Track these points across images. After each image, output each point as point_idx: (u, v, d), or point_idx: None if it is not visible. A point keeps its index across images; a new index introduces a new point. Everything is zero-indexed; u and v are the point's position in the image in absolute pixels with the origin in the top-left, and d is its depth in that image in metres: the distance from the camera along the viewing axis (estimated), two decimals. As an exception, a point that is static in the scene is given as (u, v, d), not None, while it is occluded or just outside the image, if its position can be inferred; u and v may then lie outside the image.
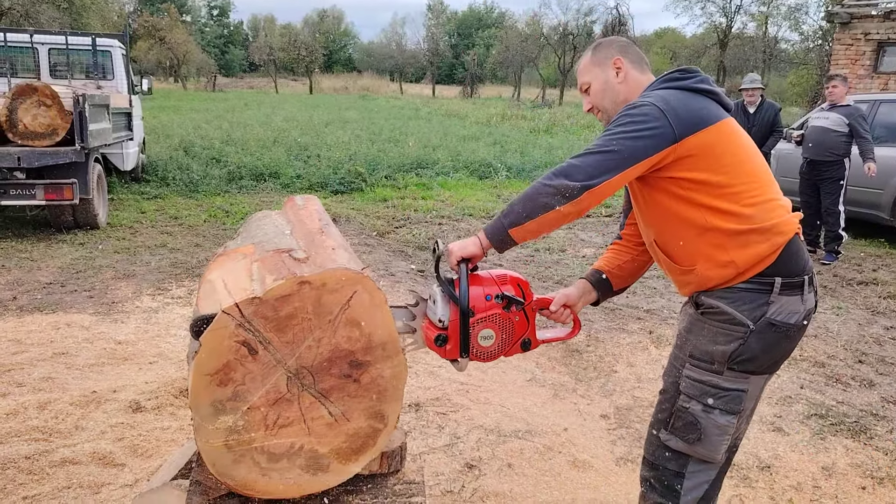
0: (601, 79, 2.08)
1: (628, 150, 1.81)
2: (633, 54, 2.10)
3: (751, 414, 2.08)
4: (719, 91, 1.99)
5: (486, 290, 2.06)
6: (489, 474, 2.98)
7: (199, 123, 17.76)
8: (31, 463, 2.84)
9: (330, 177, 11.16)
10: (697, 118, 1.86)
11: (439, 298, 2.05)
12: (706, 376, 1.94)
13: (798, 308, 1.90)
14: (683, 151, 1.84)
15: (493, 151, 14.70)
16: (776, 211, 1.89)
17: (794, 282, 1.89)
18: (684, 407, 1.96)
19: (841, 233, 7.16)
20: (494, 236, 1.93)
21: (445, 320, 2.04)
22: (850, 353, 4.66)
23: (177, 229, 7.90)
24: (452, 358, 2.09)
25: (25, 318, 4.75)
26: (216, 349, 1.88)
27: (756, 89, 7.68)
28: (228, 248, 2.47)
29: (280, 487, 2.05)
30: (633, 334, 4.87)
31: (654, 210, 1.99)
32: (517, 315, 2.10)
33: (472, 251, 1.98)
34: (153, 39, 49.09)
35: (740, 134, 1.95)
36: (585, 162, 1.82)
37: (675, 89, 1.93)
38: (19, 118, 6.73)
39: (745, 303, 1.88)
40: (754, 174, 1.90)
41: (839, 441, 3.46)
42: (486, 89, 53.90)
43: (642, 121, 1.83)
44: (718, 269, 1.89)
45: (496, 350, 2.11)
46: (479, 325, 2.05)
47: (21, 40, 9.34)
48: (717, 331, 1.92)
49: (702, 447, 1.96)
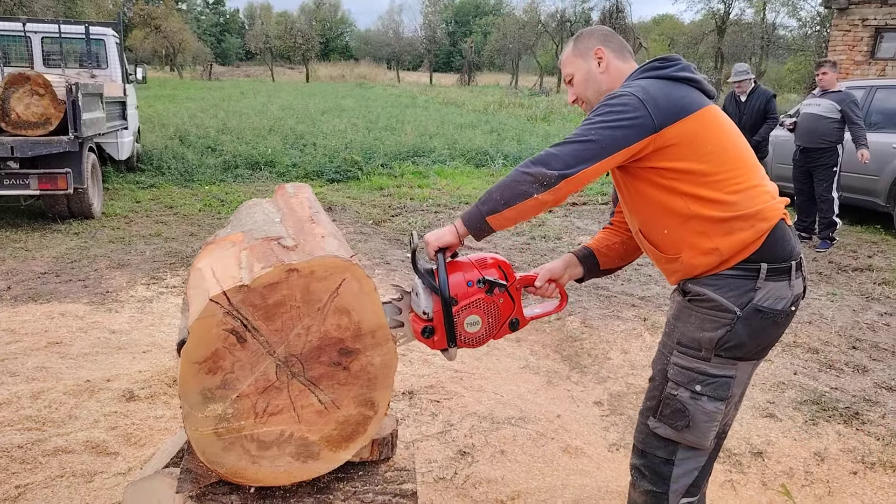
0: (583, 69, 2.08)
1: (606, 139, 1.81)
2: (614, 43, 2.09)
3: (739, 400, 2.09)
4: (701, 78, 1.98)
5: (466, 276, 2.05)
6: (482, 461, 2.99)
7: (194, 112, 17.70)
8: (23, 452, 2.84)
9: (326, 165, 11.14)
10: (678, 107, 1.85)
11: (421, 290, 2.05)
12: (694, 363, 1.94)
13: (785, 294, 1.90)
14: (664, 141, 1.84)
15: (490, 139, 14.68)
16: (761, 197, 1.89)
17: (780, 267, 1.88)
18: (672, 394, 1.97)
19: (835, 219, 7.16)
20: (472, 224, 1.93)
21: (430, 311, 2.04)
22: (844, 339, 4.67)
23: (172, 218, 7.88)
24: (441, 348, 2.09)
25: (20, 307, 4.75)
26: (204, 337, 1.87)
27: (744, 80, 7.63)
28: (218, 237, 2.46)
29: (270, 475, 2.05)
30: (627, 321, 4.88)
31: (638, 200, 1.99)
32: (501, 297, 2.08)
33: (448, 240, 1.98)
34: (149, 28, 48.83)
35: (723, 121, 1.94)
36: (563, 151, 1.82)
37: (655, 78, 1.93)
38: (12, 107, 6.69)
39: (732, 289, 1.88)
40: (738, 161, 1.90)
41: (832, 427, 3.47)
42: (484, 77, 53.73)
43: (621, 111, 1.82)
44: (703, 257, 1.89)
45: (484, 334, 2.10)
46: (464, 312, 2.05)
47: (14, 29, 9.28)
48: (704, 318, 1.92)
49: (690, 434, 1.96)
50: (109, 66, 9.65)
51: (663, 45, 44.73)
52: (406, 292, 2.17)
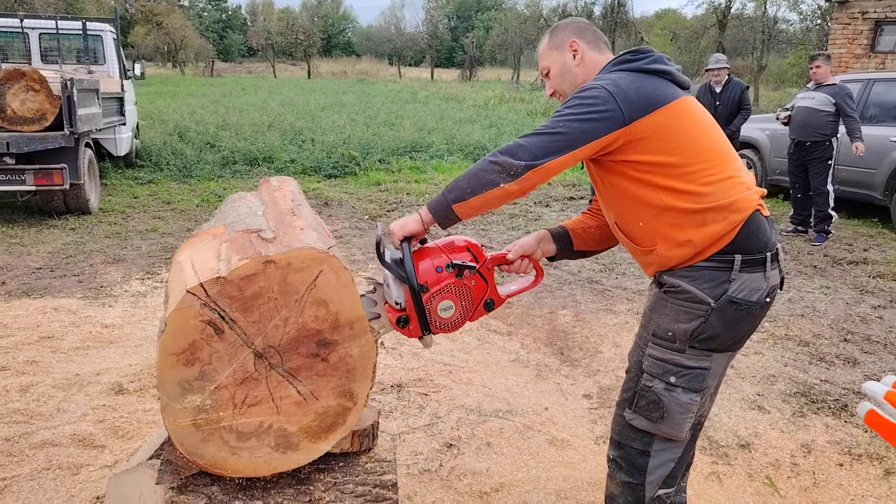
0: (559, 62, 2.08)
1: (575, 132, 1.81)
2: (589, 35, 2.09)
3: (715, 391, 2.09)
4: (673, 70, 1.97)
5: (435, 262, 2.04)
6: (468, 453, 3.00)
7: (194, 108, 17.70)
8: (10, 445, 2.86)
9: (323, 161, 11.14)
10: (648, 101, 1.85)
11: (391, 281, 2.05)
12: (668, 355, 1.94)
13: (760, 285, 1.90)
14: (634, 134, 1.84)
15: (489, 134, 14.66)
16: (735, 188, 1.88)
17: (754, 258, 1.88)
18: (647, 386, 1.97)
19: (830, 213, 7.14)
20: (438, 211, 1.92)
21: (402, 301, 2.04)
22: (836, 331, 4.67)
23: (169, 214, 7.90)
24: (417, 336, 2.09)
25: (13, 302, 4.76)
26: (181, 329, 1.88)
27: (721, 69, 7.79)
28: (201, 230, 2.47)
29: (250, 466, 2.06)
30: (620, 315, 4.88)
31: (613, 193, 1.99)
32: (473, 279, 2.07)
33: (412, 228, 1.97)
34: (150, 24, 48.83)
35: (696, 111, 1.94)
36: (531, 142, 1.82)
37: (627, 71, 1.93)
38: (7, 103, 6.71)
39: (706, 281, 1.88)
40: (712, 152, 1.89)
41: (819, 419, 3.47)
42: (486, 72, 53.63)
43: (591, 104, 1.82)
44: (677, 249, 1.89)
45: (459, 318, 2.10)
46: (436, 298, 2.04)
47: (11, 25, 9.29)
48: (678, 309, 1.92)
49: (665, 425, 1.97)
50: (107, 62, 9.66)
51: (665, 40, 44.59)
52: (379, 284, 2.17)
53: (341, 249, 6.27)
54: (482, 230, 7.45)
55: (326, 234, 2.38)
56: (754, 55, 34.24)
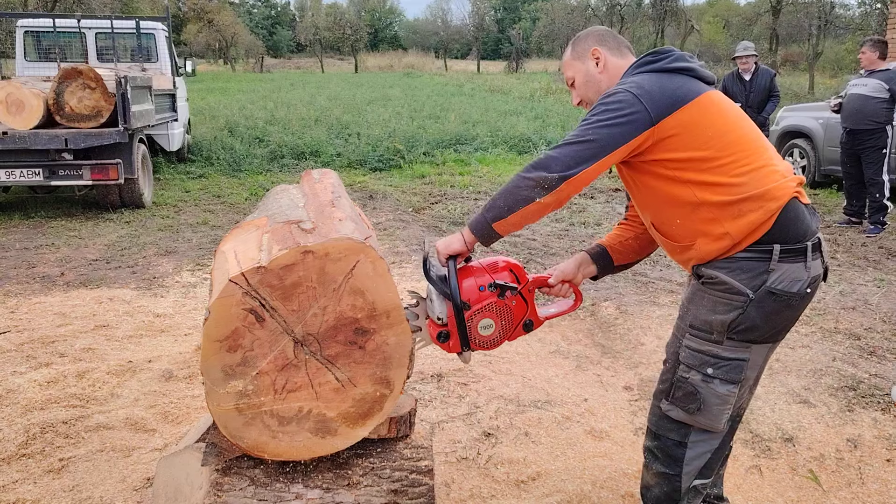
0: (583, 71, 2.12)
1: (604, 138, 1.83)
2: (610, 42, 2.12)
3: (755, 383, 2.08)
4: (696, 66, 1.99)
5: (478, 281, 2.11)
6: (505, 442, 3.02)
7: (244, 104, 18.06)
8: (68, 427, 2.99)
9: (369, 154, 11.26)
10: (673, 98, 1.87)
11: (434, 297, 2.12)
12: (705, 346, 1.94)
13: (801, 275, 1.88)
14: (662, 133, 1.86)
15: (534, 126, 14.60)
16: (770, 177, 1.87)
17: (794, 248, 1.87)
18: (684, 377, 1.97)
19: (886, 203, 6.93)
20: (479, 231, 1.98)
21: (444, 317, 2.11)
22: (888, 325, 4.54)
23: (219, 207, 8.10)
24: (457, 351, 2.16)
25: (71, 292, 4.96)
26: (224, 316, 1.96)
27: (749, 56, 7.74)
28: (244, 221, 2.55)
29: (290, 449, 2.13)
30: (663, 307, 4.84)
31: (647, 193, 2.01)
32: (514, 300, 2.14)
33: (456, 248, 2.04)
34: (202, 22, 49.82)
35: (723, 104, 1.94)
36: (562, 153, 1.85)
37: (649, 73, 1.95)
38: (66, 101, 6.97)
39: (745, 272, 1.87)
40: (742, 142, 1.89)
41: (868, 414, 3.39)
42: (532, 64, 53.24)
43: (617, 108, 1.85)
44: (715, 243, 1.89)
45: (498, 337, 2.17)
46: (477, 316, 2.11)
47: (69, 25, 9.63)
48: (716, 300, 1.91)
49: (702, 417, 1.97)
50: (159, 59, 9.94)
51: (717, 27, 43.61)
52: (422, 298, 2.24)
53: (385, 241, 6.35)
54: (526, 222, 7.44)
55: (366, 224, 2.44)
56: (810, 41, 33.23)
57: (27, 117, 6.89)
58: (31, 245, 6.31)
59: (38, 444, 2.88)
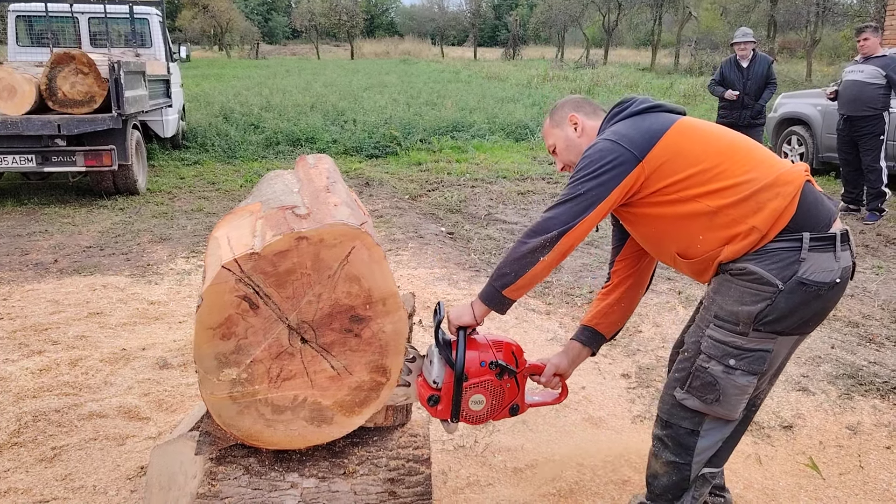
0: (563, 137, 2.19)
1: (595, 188, 1.89)
2: (586, 107, 2.21)
3: (776, 374, 2.07)
4: (662, 103, 2.06)
5: (481, 355, 2.10)
6: (503, 430, 3.00)
7: (239, 90, 17.93)
8: (60, 416, 2.96)
9: (365, 141, 11.19)
10: (650, 133, 1.93)
11: (436, 360, 2.10)
12: (729, 337, 1.92)
13: (831, 266, 1.86)
14: (653, 164, 1.90)
15: (531, 113, 14.52)
16: (776, 165, 1.90)
17: (824, 237, 1.86)
18: (703, 367, 1.96)
19: (884, 189, 6.90)
20: (491, 301, 2.02)
21: (440, 382, 2.09)
22: (887, 313, 4.52)
23: (214, 194, 8.05)
24: (443, 418, 2.14)
25: (64, 280, 4.92)
26: (217, 303, 1.92)
27: (748, 43, 7.67)
28: (238, 207, 2.51)
29: (286, 438, 2.10)
30: (661, 294, 4.82)
31: (659, 225, 2.00)
32: (509, 382, 2.14)
33: (466, 321, 2.07)
34: (197, 8, 49.44)
35: (700, 123, 2.02)
36: (557, 212, 1.92)
37: (620, 120, 2.02)
38: (58, 86, 6.90)
39: (774, 262, 1.85)
40: (735, 147, 1.95)
41: (867, 401, 3.38)
42: (529, 50, 53.06)
43: (600, 157, 1.91)
44: (744, 240, 1.88)
45: (485, 414, 2.15)
46: (472, 390, 2.10)
47: (62, 10, 9.51)
48: (744, 291, 1.89)
49: (720, 407, 1.96)
50: (153, 44, 9.84)
51: (715, 14, 43.39)
52: (420, 355, 2.22)
53: (381, 229, 6.31)
54: (522, 209, 7.41)
55: (361, 210, 2.40)
56: (808, 29, 33.12)
57: (19, 103, 6.82)
58: (24, 232, 6.26)
59: (31, 433, 2.85)
